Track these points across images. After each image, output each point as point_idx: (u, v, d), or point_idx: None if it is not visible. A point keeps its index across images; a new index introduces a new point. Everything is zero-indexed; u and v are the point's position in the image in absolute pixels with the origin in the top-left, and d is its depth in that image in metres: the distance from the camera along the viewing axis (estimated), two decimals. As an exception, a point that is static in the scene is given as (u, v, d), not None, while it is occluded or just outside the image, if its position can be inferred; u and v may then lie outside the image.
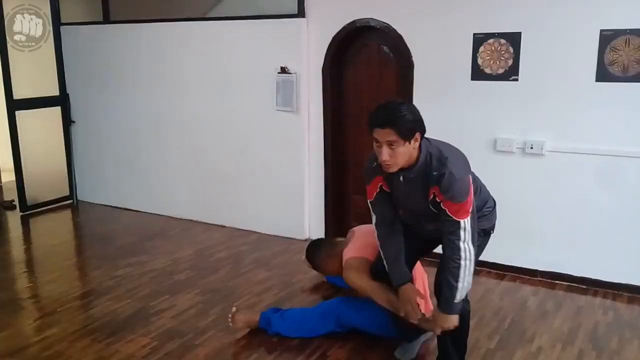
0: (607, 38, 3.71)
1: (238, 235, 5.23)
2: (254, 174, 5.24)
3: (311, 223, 5.11)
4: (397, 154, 2.44)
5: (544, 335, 3.34)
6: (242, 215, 5.38)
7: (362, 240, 3.36)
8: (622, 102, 3.75)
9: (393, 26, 4.39)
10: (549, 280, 4.07)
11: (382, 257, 2.84)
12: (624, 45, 3.68)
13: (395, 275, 2.79)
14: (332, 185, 4.99)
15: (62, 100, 6.15)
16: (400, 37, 4.38)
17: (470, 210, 2.51)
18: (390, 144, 2.42)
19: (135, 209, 6.03)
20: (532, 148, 4.00)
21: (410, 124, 2.42)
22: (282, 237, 5.13)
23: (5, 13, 5.61)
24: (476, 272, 2.80)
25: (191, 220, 5.65)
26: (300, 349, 3.17)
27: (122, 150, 6.06)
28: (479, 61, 4.10)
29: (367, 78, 4.75)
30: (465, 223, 2.50)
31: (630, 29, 3.65)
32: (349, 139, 4.95)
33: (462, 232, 2.51)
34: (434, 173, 2.50)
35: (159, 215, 5.86)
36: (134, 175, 6.03)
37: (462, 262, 2.52)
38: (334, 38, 4.67)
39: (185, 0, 5.54)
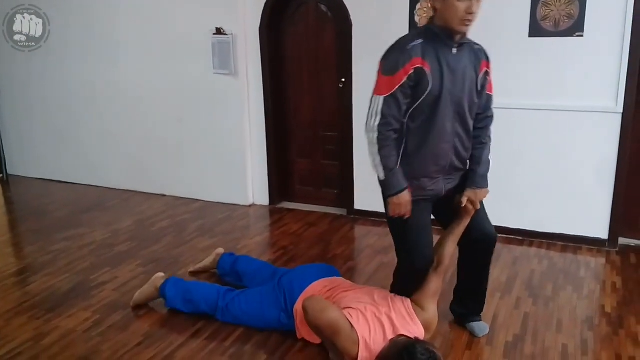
0: (539, -7, 3.77)
1: (180, 204, 5.13)
2: (194, 140, 5.12)
3: (255, 188, 5.06)
4: (479, 11, 2.37)
5: (484, 286, 3.45)
6: (183, 184, 5.27)
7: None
8: (554, 57, 3.84)
9: (330, -16, 4.32)
10: (488, 233, 4.18)
11: (379, 163, 2.55)
12: (555, 0, 3.75)
13: (394, 182, 2.57)
14: (275, 148, 4.94)
15: (-17, 69, 5.81)
16: (337, -5, 4.32)
17: None
18: None
19: (70, 181, 5.81)
20: (469, 105, 4.06)
21: None
22: (226, 203, 5.07)
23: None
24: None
25: (130, 190, 5.49)
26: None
27: (53, 121, 5.78)
28: (417, 18, 4.09)
29: (305, 37, 4.67)
30: None
31: (561, -16, 3.72)
32: (289, 101, 4.89)
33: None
34: (477, 47, 2.58)
35: (95, 186, 5.67)
36: (68, 146, 5.78)
37: (491, 138, 2.84)
38: (270, -4, 4.56)
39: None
